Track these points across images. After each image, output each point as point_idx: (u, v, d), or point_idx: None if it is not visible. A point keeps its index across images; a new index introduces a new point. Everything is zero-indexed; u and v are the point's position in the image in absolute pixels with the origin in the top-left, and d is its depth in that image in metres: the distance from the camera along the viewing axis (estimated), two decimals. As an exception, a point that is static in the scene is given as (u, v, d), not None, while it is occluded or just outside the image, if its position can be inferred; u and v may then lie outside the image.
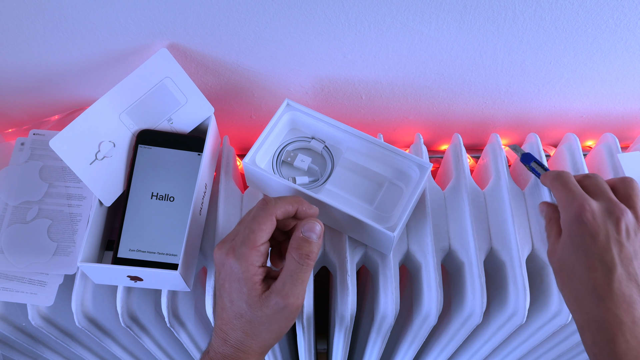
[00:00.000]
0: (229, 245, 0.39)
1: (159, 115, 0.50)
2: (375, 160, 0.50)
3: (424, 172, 0.48)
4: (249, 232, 0.39)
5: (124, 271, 0.45)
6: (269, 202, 0.40)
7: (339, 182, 0.50)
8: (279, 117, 0.50)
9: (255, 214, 0.40)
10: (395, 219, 0.47)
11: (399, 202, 0.48)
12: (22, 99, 0.55)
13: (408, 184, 0.49)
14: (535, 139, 0.57)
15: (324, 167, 0.51)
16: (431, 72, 0.52)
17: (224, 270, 0.40)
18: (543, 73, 0.53)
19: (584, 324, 0.41)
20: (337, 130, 0.50)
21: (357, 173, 0.50)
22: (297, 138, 0.51)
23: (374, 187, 0.50)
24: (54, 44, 0.46)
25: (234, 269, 0.39)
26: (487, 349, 0.64)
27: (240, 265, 0.38)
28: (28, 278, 0.49)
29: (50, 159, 0.53)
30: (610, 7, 0.44)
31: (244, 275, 0.38)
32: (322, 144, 0.50)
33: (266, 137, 0.49)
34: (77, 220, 0.51)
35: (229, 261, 0.39)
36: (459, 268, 0.52)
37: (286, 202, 0.40)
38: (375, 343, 0.63)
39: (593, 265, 0.41)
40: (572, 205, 0.43)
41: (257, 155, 0.48)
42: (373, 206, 0.49)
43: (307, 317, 0.51)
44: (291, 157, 0.50)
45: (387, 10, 0.44)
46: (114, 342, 0.60)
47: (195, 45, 0.48)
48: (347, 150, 0.50)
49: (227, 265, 0.39)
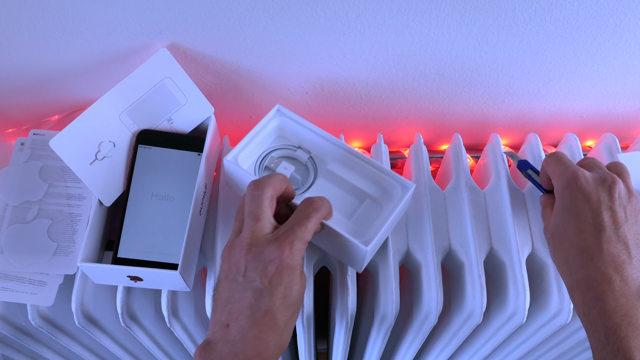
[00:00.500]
0: (270, 239, 0.38)
1: (159, 115, 0.50)
2: (359, 175, 0.49)
3: (406, 191, 0.47)
4: (305, 231, 0.39)
5: (124, 271, 0.45)
6: (319, 205, 0.40)
7: (319, 193, 0.49)
8: (267, 122, 0.49)
9: (308, 213, 0.40)
10: (370, 234, 0.47)
11: (377, 219, 0.47)
12: (22, 99, 0.55)
13: (389, 202, 0.48)
14: (535, 139, 0.57)
15: (307, 177, 0.50)
16: (431, 72, 0.52)
17: (268, 266, 0.38)
18: (543, 73, 0.53)
19: (574, 284, 0.42)
20: (324, 141, 0.49)
21: (339, 186, 0.49)
22: (284, 146, 0.50)
23: (354, 202, 0.49)
24: (54, 44, 0.46)
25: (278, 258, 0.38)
26: (487, 349, 0.64)
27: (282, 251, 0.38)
28: (28, 278, 0.49)
29: (50, 159, 0.53)
30: (610, 7, 0.44)
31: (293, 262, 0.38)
32: (307, 155, 0.50)
33: (251, 140, 0.48)
34: (77, 220, 0.51)
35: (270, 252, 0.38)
36: (459, 268, 0.52)
37: (328, 207, 0.41)
38: (375, 343, 0.63)
39: (583, 227, 0.42)
40: (565, 173, 0.44)
41: (240, 155, 0.48)
42: (350, 220, 0.48)
43: (307, 317, 0.51)
44: (274, 164, 0.50)
45: (387, 10, 0.44)
46: (114, 342, 0.60)
47: (195, 45, 0.48)
48: (332, 162, 0.49)
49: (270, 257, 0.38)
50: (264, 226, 0.39)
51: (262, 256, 0.37)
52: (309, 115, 0.59)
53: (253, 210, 0.39)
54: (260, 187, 0.40)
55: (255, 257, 0.38)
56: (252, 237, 0.38)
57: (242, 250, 0.38)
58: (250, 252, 0.38)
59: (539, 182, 0.50)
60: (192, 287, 0.47)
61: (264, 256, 0.37)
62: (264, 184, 0.40)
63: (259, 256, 0.38)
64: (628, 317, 0.38)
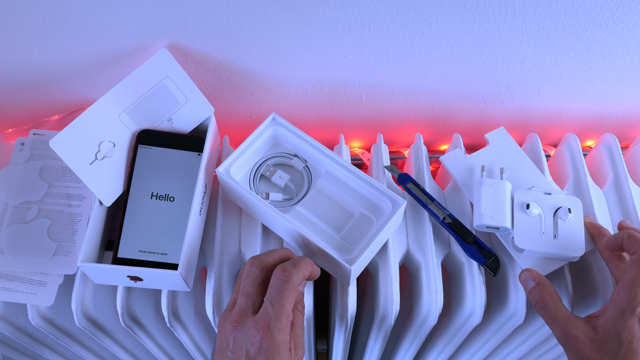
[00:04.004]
0: (252, 321, 0.39)
1: (159, 115, 0.50)
2: (352, 189, 0.49)
3: (397, 207, 0.46)
4: (280, 308, 0.38)
5: (124, 271, 0.45)
6: (290, 273, 0.39)
7: (311, 205, 0.49)
8: (263, 131, 0.49)
9: (279, 288, 0.39)
10: (357, 251, 0.47)
11: (367, 235, 0.47)
12: (22, 99, 0.55)
13: (379, 217, 0.48)
14: (535, 139, 0.57)
15: (301, 187, 0.50)
16: (431, 72, 0.52)
17: (252, 346, 0.38)
18: (543, 73, 0.53)
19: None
20: (318, 153, 0.49)
21: (331, 199, 0.49)
22: (280, 154, 0.51)
23: (345, 216, 0.49)
24: (54, 44, 0.46)
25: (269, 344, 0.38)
26: (487, 349, 0.64)
27: (278, 339, 0.38)
28: (28, 278, 0.49)
29: (50, 159, 0.53)
30: (610, 7, 0.44)
31: (283, 348, 0.38)
32: (303, 163, 0.50)
33: (245, 149, 0.48)
34: (77, 220, 0.51)
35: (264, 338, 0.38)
36: (459, 268, 0.52)
37: (304, 268, 0.41)
38: (375, 343, 0.63)
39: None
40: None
41: (234, 165, 0.48)
42: (340, 235, 0.48)
43: (307, 318, 0.51)
44: (270, 172, 0.50)
45: (387, 10, 0.44)
46: (114, 342, 0.60)
47: (195, 45, 0.48)
48: (326, 174, 0.49)
49: (259, 341, 0.38)
50: (254, 303, 0.40)
51: (246, 337, 0.38)
52: (309, 115, 0.59)
53: (246, 286, 0.40)
54: (256, 264, 0.40)
55: (241, 336, 0.39)
56: (240, 314, 0.39)
57: (230, 326, 0.39)
58: (236, 329, 0.39)
59: (420, 197, 0.51)
60: (192, 287, 0.47)
61: (247, 337, 0.38)
62: (260, 261, 0.41)
63: (244, 336, 0.39)
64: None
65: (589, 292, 0.49)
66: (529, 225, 0.47)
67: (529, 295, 0.45)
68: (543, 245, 0.47)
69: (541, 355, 0.68)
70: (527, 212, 0.48)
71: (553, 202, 0.48)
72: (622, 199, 0.53)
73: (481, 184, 0.49)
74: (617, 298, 0.41)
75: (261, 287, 0.40)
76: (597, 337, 0.40)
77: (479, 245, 0.49)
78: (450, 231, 0.49)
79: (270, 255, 0.42)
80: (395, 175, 0.53)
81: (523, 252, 0.48)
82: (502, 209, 0.48)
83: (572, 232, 0.47)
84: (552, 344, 0.62)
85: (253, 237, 0.50)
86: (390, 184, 0.54)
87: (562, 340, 0.42)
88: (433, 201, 0.51)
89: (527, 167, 0.52)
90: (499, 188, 0.48)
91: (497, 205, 0.48)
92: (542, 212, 0.48)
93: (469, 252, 0.49)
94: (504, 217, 0.47)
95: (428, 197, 0.51)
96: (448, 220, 0.50)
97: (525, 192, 0.49)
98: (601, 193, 0.54)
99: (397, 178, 0.52)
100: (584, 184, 0.53)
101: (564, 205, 0.48)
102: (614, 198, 0.54)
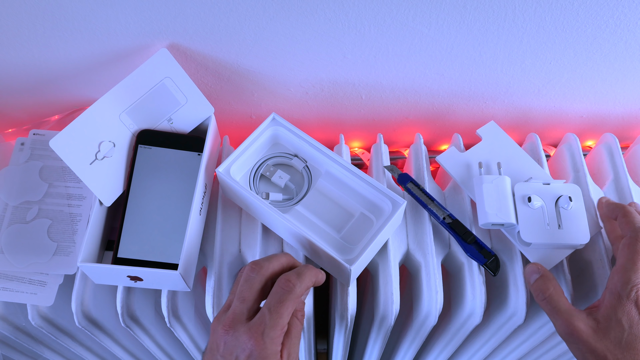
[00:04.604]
0: (245, 327, 0.38)
1: (159, 115, 0.50)
2: (352, 189, 0.49)
3: (397, 207, 0.46)
4: (277, 318, 0.37)
5: (124, 271, 0.45)
6: (294, 284, 0.39)
7: (311, 205, 0.49)
8: (262, 131, 0.49)
9: (280, 297, 0.38)
10: (357, 251, 0.46)
11: (367, 235, 0.47)
12: (22, 99, 0.55)
13: (379, 217, 0.48)
14: (535, 139, 0.57)
15: (301, 187, 0.50)
16: (431, 72, 0.52)
17: (242, 351, 0.38)
18: (543, 73, 0.53)
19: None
20: (318, 153, 0.49)
21: (331, 199, 0.49)
22: (280, 154, 0.51)
23: (345, 216, 0.49)
24: (54, 44, 0.46)
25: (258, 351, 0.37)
26: (487, 349, 0.64)
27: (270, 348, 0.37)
28: (28, 278, 0.49)
29: (50, 159, 0.53)
30: (610, 7, 0.44)
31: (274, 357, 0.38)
32: (303, 163, 0.50)
33: (245, 149, 0.48)
34: (77, 220, 0.51)
35: (255, 344, 0.37)
36: (459, 268, 0.52)
37: (308, 279, 0.40)
38: (375, 343, 0.63)
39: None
40: None
41: (234, 165, 0.48)
42: (340, 235, 0.48)
43: (307, 317, 0.51)
44: (270, 172, 0.50)
45: (387, 10, 0.44)
46: (114, 342, 0.60)
47: (195, 45, 0.48)
48: (326, 174, 0.49)
49: (250, 347, 0.37)
50: (249, 309, 0.39)
51: (237, 342, 0.38)
52: (309, 115, 0.59)
53: (243, 291, 0.39)
54: (256, 270, 0.40)
55: (232, 341, 0.38)
56: (234, 318, 0.38)
57: (222, 330, 0.38)
58: (228, 334, 0.38)
59: (420, 197, 0.51)
60: (192, 287, 0.47)
61: (238, 342, 0.38)
62: (261, 267, 0.40)
63: (235, 341, 0.38)
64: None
65: (589, 292, 0.49)
66: (533, 218, 0.48)
67: (532, 287, 0.45)
68: (550, 237, 0.47)
69: (541, 355, 0.68)
70: (529, 205, 0.48)
71: (553, 192, 0.49)
72: (622, 199, 0.53)
73: (481, 181, 0.49)
74: (612, 284, 0.41)
75: (258, 294, 0.40)
76: (600, 327, 0.40)
77: (479, 245, 0.49)
78: (450, 231, 0.49)
79: (271, 261, 0.41)
80: (395, 175, 0.53)
81: (530, 245, 0.48)
82: (505, 205, 0.48)
83: (575, 220, 0.48)
84: (552, 344, 0.62)
85: (253, 237, 0.50)
86: (390, 184, 0.54)
87: (564, 332, 0.42)
88: (433, 201, 0.51)
89: (522, 158, 0.53)
90: (499, 184, 0.49)
91: (500, 202, 0.48)
92: (544, 203, 0.48)
93: (469, 252, 0.49)
94: (508, 213, 0.48)
95: (428, 197, 0.51)
96: (448, 220, 0.50)
97: (524, 184, 0.49)
98: (601, 193, 0.54)
99: (397, 178, 0.52)
100: (584, 184, 0.53)
101: (564, 194, 0.48)
102: (614, 198, 0.54)
